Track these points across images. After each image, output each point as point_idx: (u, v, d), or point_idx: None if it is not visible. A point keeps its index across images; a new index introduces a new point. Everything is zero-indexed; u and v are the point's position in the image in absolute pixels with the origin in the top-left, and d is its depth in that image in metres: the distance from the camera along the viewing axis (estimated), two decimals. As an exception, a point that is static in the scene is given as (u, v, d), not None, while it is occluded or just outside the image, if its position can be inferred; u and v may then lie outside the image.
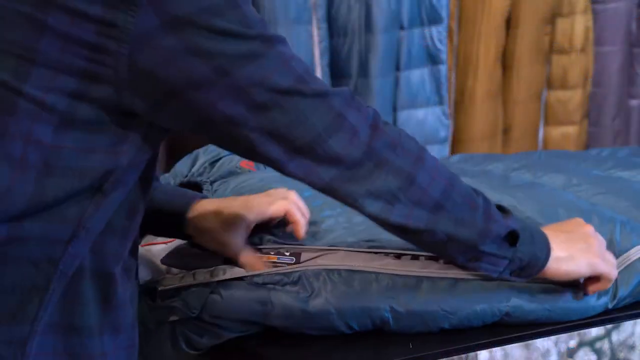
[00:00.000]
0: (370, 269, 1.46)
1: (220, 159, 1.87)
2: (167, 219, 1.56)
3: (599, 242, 1.50)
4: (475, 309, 1.47)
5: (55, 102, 1.22)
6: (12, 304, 1.26)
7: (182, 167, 1.88)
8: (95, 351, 1.31)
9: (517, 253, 1.41)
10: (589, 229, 1.50)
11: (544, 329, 1.49)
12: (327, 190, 1.34)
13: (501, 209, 1.43)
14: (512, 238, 1.41)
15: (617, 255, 1.54)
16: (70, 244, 1.27)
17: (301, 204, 1.57)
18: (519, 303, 1.47)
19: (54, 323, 1.28)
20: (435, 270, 1.48)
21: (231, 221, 1.53)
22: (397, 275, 1.46)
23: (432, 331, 1.47)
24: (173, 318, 1.47)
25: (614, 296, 1.53)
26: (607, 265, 1.49)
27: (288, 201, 1.55)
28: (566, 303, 1.49)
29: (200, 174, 1.83)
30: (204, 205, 1.57)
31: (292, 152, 1.30)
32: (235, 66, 1.25)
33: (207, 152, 1.88)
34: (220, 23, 1.23)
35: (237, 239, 1.52)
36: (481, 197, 1.41)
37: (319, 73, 2.98)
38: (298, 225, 1.54)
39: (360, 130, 1.31)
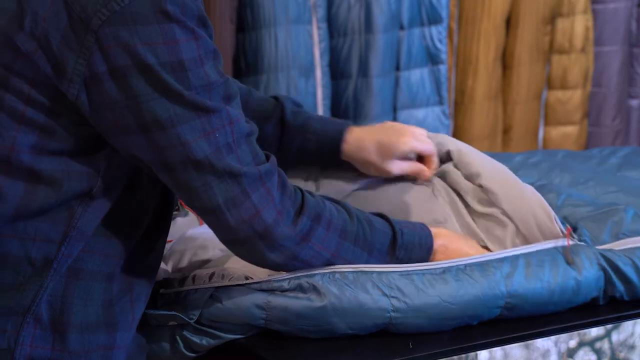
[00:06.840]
0: (369, 269, 1.46)
1: None
2: (322, 149, 1.72)
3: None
4: (477, 294, 1.47)
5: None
6: (7, 297, 1.33)
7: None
8: (85, 347, 1.36)
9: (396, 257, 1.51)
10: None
11: (544, 329, 1.50)
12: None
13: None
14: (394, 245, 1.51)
15: (624, 237, 1.60)
16: (63, 244, 1.33)
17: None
18: (517, 279, 1.49)
19: (44, 317, 1.34)
20: (425, 264, 1.50)
21: (388, 152, 1.69)
22: (392, 272, 1.46)
23: (439, 329, 1.47)
24: (172, 323, 1.47)
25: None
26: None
27: (432, 145, 1.71)
28: (561, 273, 1.52)
29: None
30: (358, 135, 1.71)
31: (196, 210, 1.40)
32: (157, 126, 1.30)
33: None
34: (159, 77, 1.28)
35: (391, 165, 1.70)
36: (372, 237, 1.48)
37: (318, 73, 2.98)
38: (428, 171, 1.71)
39: (263, 211, 1.37)
